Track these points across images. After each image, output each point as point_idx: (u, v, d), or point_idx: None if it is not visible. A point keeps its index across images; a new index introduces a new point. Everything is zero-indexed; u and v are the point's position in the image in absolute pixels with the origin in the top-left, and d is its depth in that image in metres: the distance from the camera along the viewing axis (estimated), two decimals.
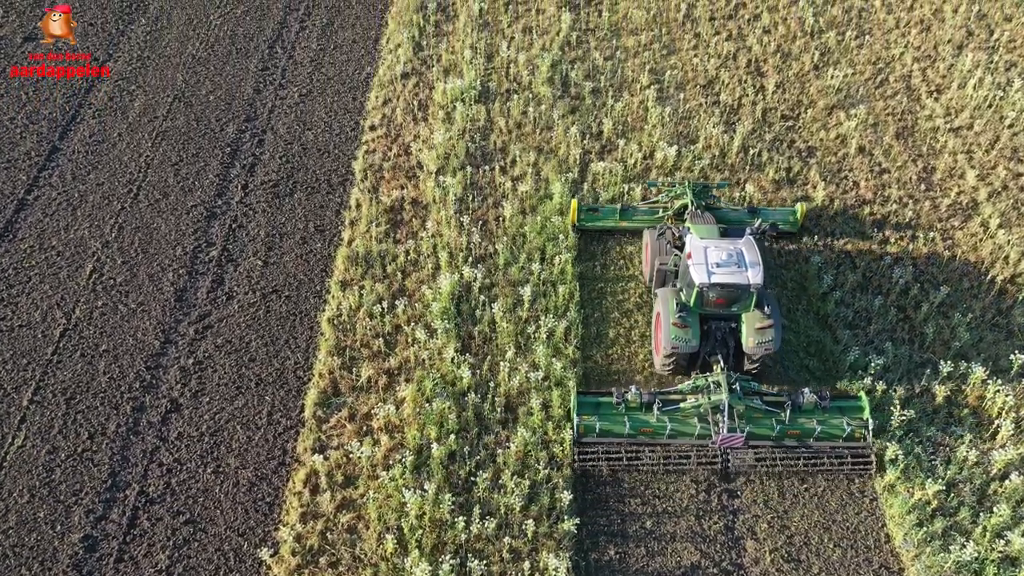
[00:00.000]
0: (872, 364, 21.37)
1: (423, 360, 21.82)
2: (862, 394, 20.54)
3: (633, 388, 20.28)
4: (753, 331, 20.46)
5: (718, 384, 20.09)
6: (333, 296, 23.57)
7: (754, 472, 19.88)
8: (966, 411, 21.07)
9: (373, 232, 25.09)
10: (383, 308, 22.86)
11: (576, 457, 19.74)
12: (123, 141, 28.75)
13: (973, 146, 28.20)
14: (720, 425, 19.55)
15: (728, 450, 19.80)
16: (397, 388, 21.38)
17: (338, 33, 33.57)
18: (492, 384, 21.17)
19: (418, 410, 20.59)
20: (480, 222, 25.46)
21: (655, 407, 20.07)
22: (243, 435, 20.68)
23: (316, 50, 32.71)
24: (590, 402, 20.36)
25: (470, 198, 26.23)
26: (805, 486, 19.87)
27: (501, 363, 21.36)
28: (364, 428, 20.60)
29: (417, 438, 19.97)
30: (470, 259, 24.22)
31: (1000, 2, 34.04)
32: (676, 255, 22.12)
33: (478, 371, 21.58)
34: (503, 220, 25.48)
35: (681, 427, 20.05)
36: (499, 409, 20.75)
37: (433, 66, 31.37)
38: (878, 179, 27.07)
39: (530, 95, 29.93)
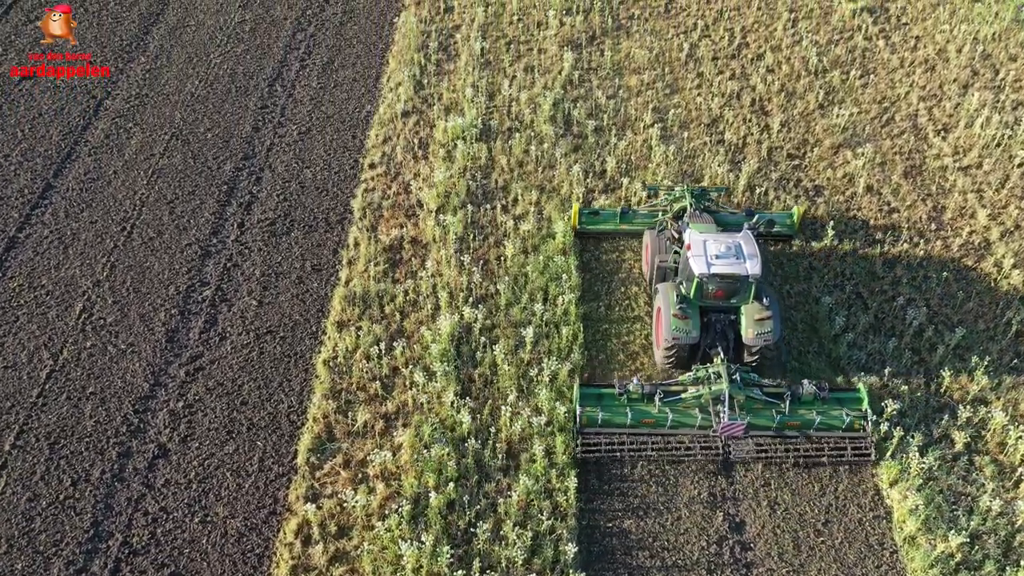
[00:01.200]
0: (888, 409, 20.56)
1: (421, 404, 21.03)
2: (860, 386, 20.81)
3: (635, 379, 20.58)
4: (752, 322, 20.69)
5: (718, 375, 20.34)
6: (329, 337, 22.85)
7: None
8: (987, 458, 20.21)
9: (371, 271, 24.46)
10: (380, 350, 22.13)
11: (579, 446, 19.87)
12: (118, 179, 28.27)
13: (983, 185, 27.71)
14: (721, 415, 19.80)
15: (729, 440, 20.00)
16: (394, 433, 20.56)
17: (338, 71, 33.34)
18: (493, 429, 20.36)
19: (416, 457, 19.74)
20: (481, 261, 24.84)
21: (656, 398, 20.34)
22: (233, 482, 19.80)
23: (316, 88, 32.43)
24: (592, 393, 20.66)
25: (471, 237, 25.65)
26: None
27: (502, 407, 20.55)
28: (359, 475, 19.73)
29: (414, 486, 19.10)
30: (471, 299, 23.56)
31: (1004, 42, 33.85)
32: (675, 252, 22.52)
33: (478, 416, 20.77)
34: (505, 259, 24.87)
35: (682, 418, 20.31)
36: (500, 456, 19.90)
37: (434, 104, 31.05)
38: (888, 218, 26.51)
39: (532, 133, 29.55)
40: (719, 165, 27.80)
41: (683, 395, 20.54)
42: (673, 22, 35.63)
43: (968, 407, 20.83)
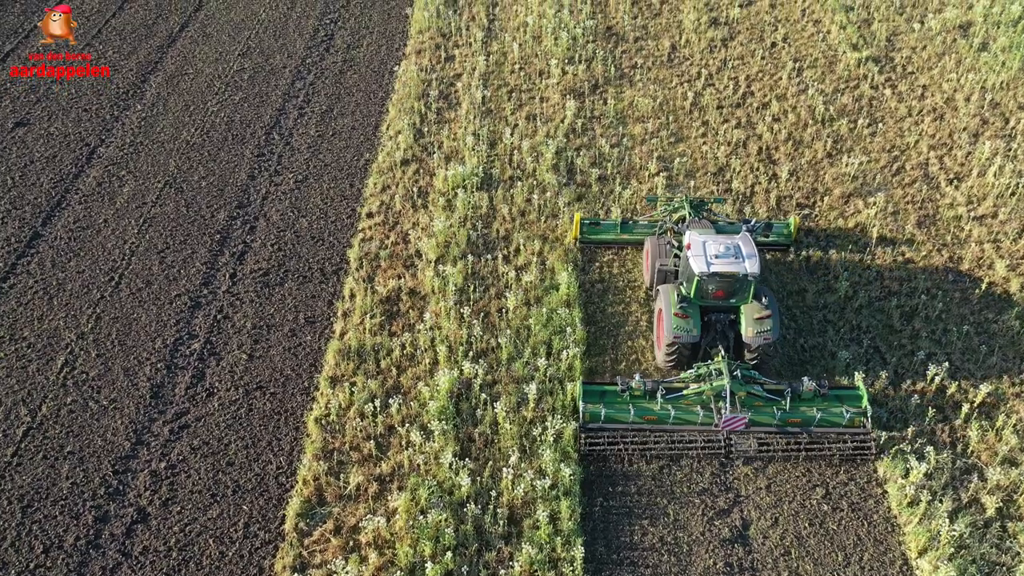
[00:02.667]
0: (913, 471, 19.37)
1: (418, 465, 19.82)
2: (860, 383, 21.07)
3: (637, 376, 20.81)
4: (752, 321, 21.00)
5: (719, 371, 20.68)
6: (322, 393, 21.74)
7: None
8: (1021, 524, 18.95)
9: (367, 324, 23.46)
10: (375, 407, 21.00)
11: (583, 443, 20.01)
12: (108, 227, 27.45)
13: (999, 235, 26.87)
14: (723, 410, 20.11)
15: (731, 434, 20.18)
16: (388, 497, 19.32)
17: (337, 120, 32.79)
18: (494, 493, 19.10)
19: (411, 523, 18.46)
20: (482, 314, 23.84)
21: (659, 395, 20.64)
22: (216, 550, 18.50)
23: (314, 136, 31.83)
24: (595, 391, 20.92)
25: (471, 288, 24.70)
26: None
27: (504, 469, 19.35)
28: (350, 543, 18.43)
29: (410, 555, 17.80)
30: (470, 354, 22.49)
31: (1013, 91, 33.38)
32: (675, 256, 23.17)
33: (478, 478, 19.54)
34: (506, 312, 23.88)
35: (684, 414, 20.54)
36: (502, 522, 18.61)
37: (434, 152, 30.39)
38: (903, 269, 25.60)
39: (534, 182, 28.82)
40: (727, 217, 27.00)
41: (685, 391, 20.85)
42: (676, 71, 35.24)
43: (998, 469, 19.66)
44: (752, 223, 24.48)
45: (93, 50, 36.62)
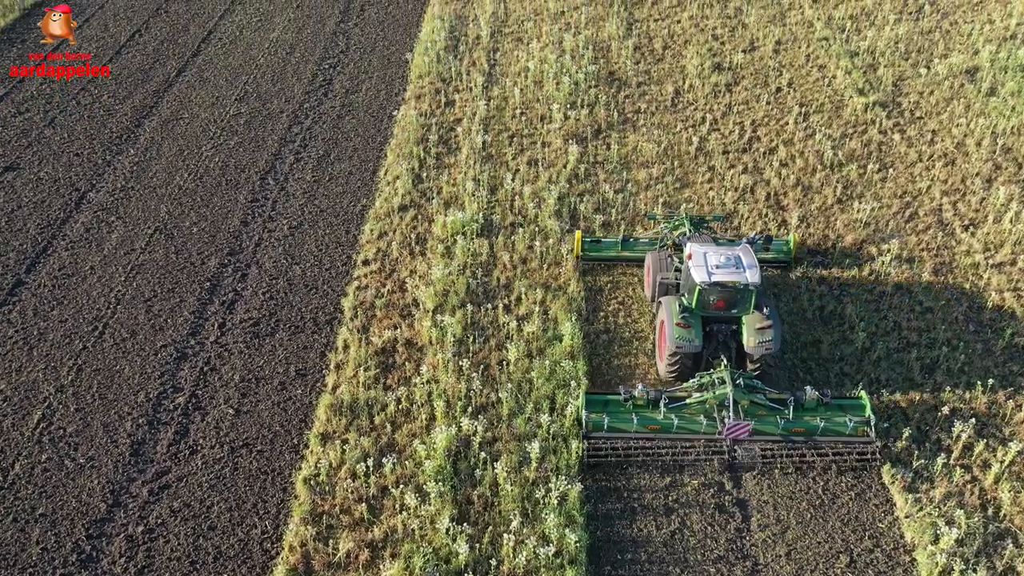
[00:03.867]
0: (943, 536, 18.07)
1: (413, 530, 18.48)
2: (863, 393, 21.17)
3: (640, 386, 20.88)
4: (753, 331, 21.12)
5: (722, 380, 20.70)
6: (312, 451, 20.51)
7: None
8: None
9: (361, 377, 22.30)
10: (368, 467, 19.73)
11: (586, 452, 19.88)
12: (94, 275, 26.46)
13: (1020, 283, 25.85)
14: (726, 418, 20.13)
15: (735, 443, 20.11)
16: (381, 565, 17.94)
17: (334, 165, 32.04)
18: (494, 561, 17.76)
19: None
20: (481, 366, 22.70)
21: (662, 404, 20.60)
22: None
23: (310, 182, 31.03)
24: (598, 400, 20.88)
25: (470, 339, 23.60)
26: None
27: (505, 535, 18.03)
28: None
29: None
30: (469, 409, 21.31)
31: None
32: (676, 269, 23.46)
33: (477, 544, 18.20)
34: (507, 364, 22.74)
35: (687, 424, 20.49)
36: None
37: (433, 198, 29.53)
38: (921, 319, 24.54)
39: (536, 228, 27.91)
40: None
41: (688, 400, 20.79)
42: (680, 116, 34.62)
43: None
44: (752, 236, 24.82)
45: (88, 93, 36.10)
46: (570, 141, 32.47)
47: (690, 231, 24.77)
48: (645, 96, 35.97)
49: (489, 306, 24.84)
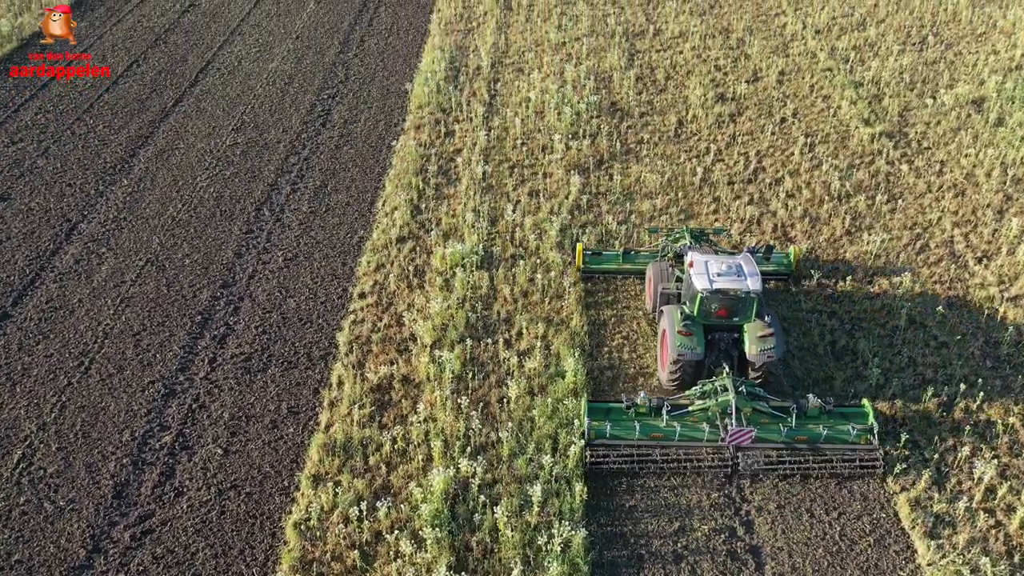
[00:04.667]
0: None
1: None
2: (865, 401, 21.08)
3: (642, 394, 20.86)
4: (755, 339, 21.08)
5: (724, 388, 20.64)
6: (303, 494, 19.57)
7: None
8: None
9: (355, 415, 21.42)
10: (361, 510, 18.77)
11: (588, 459, 19.72)
12: (82, 308, 25.69)
13: None
14: (729, 425, 19.99)
15: (738, 450, 19.93)
16: None
17: (331, 196, 31.40)
18: None
19: None
20: (480, 404, 21.82)
21: (664, 411, 20.51)
22: None
23: (306, 213, 30.37)
24: (600, 408, 20.84)
25: (469, 375, 22.74)
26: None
27: None
28: None
29: None
30: (468, 449, 20.39)
31: None
32: (678, 279, 23.51)
33: None
34: (507, 402, 21.86)
35: (690, 432, 20.37)
36: None
37: (432, 230, 28.83)
38: (937, 354, 23.70)
39: (537, 260, 27.18)
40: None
41: (690, 408, 20.72)
42: (684, 146, 34.06)
43: None
44: (753, 246, 25.32)
45: (82, 123, 35.62)
46: (572, 172, 31.87)
47: (690, 243, 25.01)
48: (648, 126, 35.45)
49: (489, 341, 24.03)
